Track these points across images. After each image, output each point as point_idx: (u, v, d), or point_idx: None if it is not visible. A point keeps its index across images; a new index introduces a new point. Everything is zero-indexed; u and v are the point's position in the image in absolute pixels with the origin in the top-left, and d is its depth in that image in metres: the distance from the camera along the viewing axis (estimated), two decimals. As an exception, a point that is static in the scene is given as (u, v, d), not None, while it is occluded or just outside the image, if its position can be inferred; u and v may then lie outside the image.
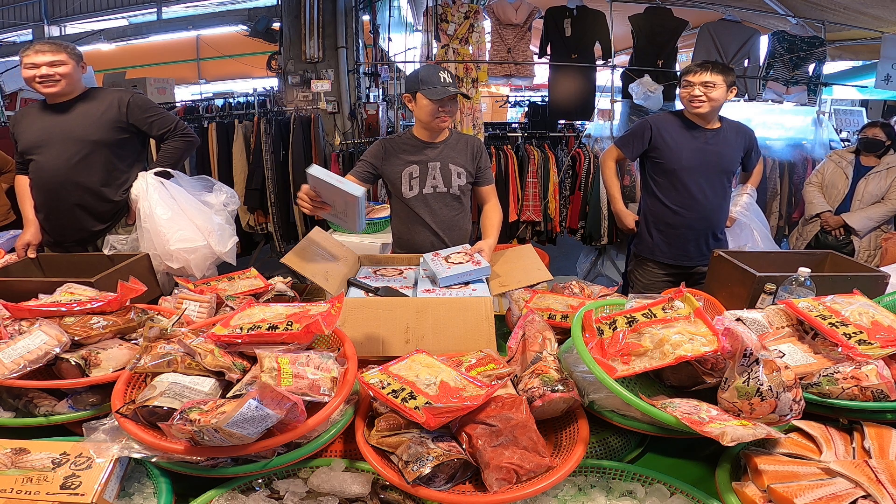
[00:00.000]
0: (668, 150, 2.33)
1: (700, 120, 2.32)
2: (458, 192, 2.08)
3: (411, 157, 2.03)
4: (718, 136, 2.33)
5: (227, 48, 6.94)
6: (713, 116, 2.32)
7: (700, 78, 2.19)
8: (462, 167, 2.06)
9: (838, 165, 3.31)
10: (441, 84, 1.89)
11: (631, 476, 1.01)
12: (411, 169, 2.03)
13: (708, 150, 2.31)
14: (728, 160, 2.35)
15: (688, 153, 2.31)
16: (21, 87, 5.22)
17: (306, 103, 4.43)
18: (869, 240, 3.20)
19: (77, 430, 1.14)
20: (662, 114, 2.49)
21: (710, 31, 4.52)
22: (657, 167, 2.39)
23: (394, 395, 1.01)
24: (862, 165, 3.24)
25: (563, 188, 4.31)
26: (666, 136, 2.34)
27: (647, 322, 1.12)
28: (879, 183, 3.16)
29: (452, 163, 2.05)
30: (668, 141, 2.33)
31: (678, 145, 2.32)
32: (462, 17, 4.14)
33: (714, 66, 2.21)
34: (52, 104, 2.09)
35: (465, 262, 1.79)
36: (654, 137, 2.36)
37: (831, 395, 1.07)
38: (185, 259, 1.98)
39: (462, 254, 1.84)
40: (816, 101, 4.73)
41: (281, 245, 4.46)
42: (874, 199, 3.17)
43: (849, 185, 3.23)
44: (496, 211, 2.13)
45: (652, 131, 2.36)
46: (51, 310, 1.32)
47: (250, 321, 1.17)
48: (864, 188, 3.18)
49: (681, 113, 2.39)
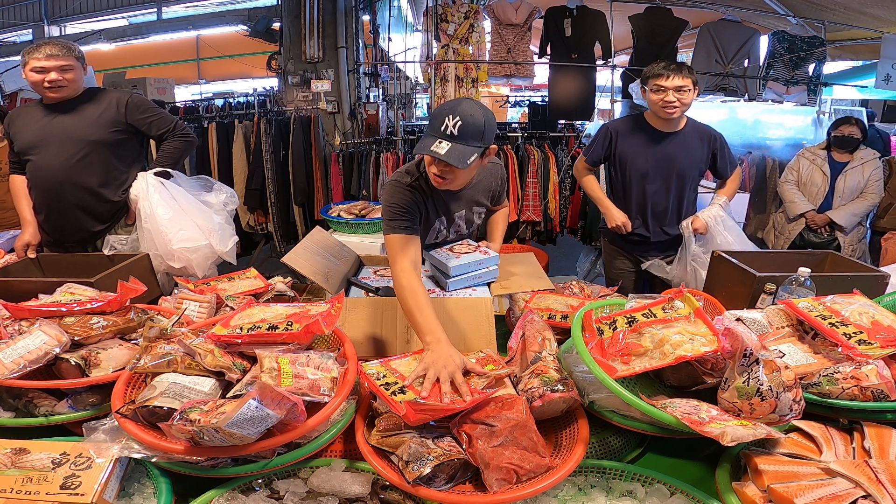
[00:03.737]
0: (624, 154, 2.32)
1: (663, 124, 2.26)
2: (476, 228, 1.86)
3: (438, 210, 1.67)
4: (677, 139, 2.27)
5: (227, 48, 6.94)
6: (679, 119, 2.27)
7: (673, 83, 2.11)
8: (484, 206, 1.80)
9: (813, 163, 3.32)
10: (435, 134, 1.38)
11: (631, 476, 1.01)
12: (438, 224, 1.71)
13: (663, 153, 2.26)
14: (685, 164, 2.28)
15: (641, 158, 2.28)
16: (21, 87, 5.21)
17: (306, 103, 4.43)
18: (853, 235, 3.24)
19: (77, 430, 1.14)
20: (622, 118, 2.46)
21: (710, 31, 4.52)
22: (615, 172, 2.38)
23: (385, 388, 1.02)
24: (836, 161, 3.27)
25: (563, 188, 4.31)
26: (624, 141, 2.31)
27: (647, 322, 1.12)
28: (857, 178, 3.20)
29: (476, 205, 1.76)
30: (625, 146, 2.31)
31: (633, 150, 2.29)
32: (462, 17, 4.14)
33: (682, 68, 2.14)
34: (50, 104, 2.08)
35: (473, 252, 1.73)
36: (613, 143, 2.34)
37: (831, 395, 1.07)
38: (186, 258, 1.98)
39: (465, 245, 1.79)
40: (816, 101, 4.73)
41: (281, 245, 4.46)
42: (854, 194, 3.21)
43: (828, 182, 3.25)
44: (504, 216, 1.98)
45: (611, 137, 2.34)
46: (51, 310, 1.32)
47: (250, 321, 1.17)
48: (843, 184, 3.21)
49: (640, 116, 2.34)
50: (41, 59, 1.97)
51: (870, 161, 3.21)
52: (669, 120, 2.23)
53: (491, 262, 1.74)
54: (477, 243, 1.80)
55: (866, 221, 3.35)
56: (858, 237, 3.27)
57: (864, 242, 3.32)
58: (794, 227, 3.36)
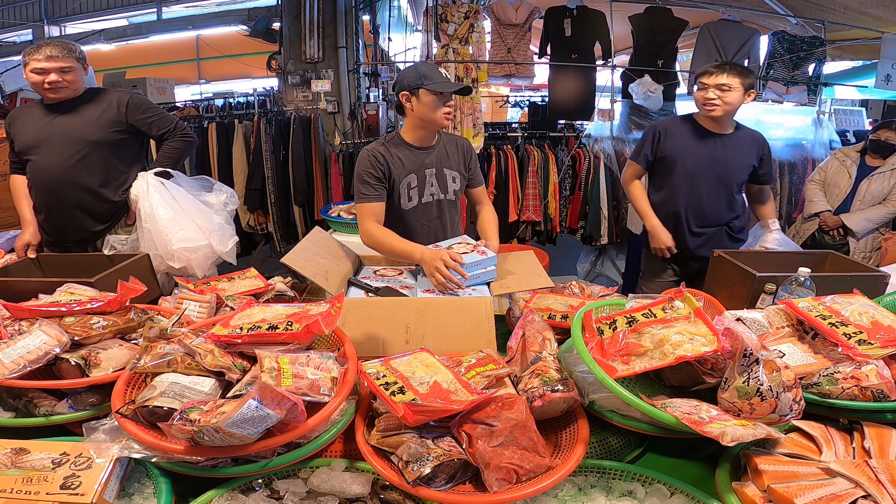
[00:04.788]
0: (673, 153, 2.26)
1: (712, 124, 2.22)
2: (454, 196, 2.03)
3: (408, 166, 1.92)
4: (727, 141, 2.23)
5: (227, 48, 6.95)
6: (727, 121, 2.22)
7: (715, 80, 2.09)
8: (456, 171, 2.00)
9: (842, 164, 3.24)
10: (444, 79, 1.82)
11: (631, 476, 1.01)
12: (409, 179, 1.92)
13: (713, 153, 2.22)
14: (736, 169, 2.25)
15: (692, 157, 2.23)
16: (21, 87, 5.21)
17: (306, 103, 4.43)
18: (866, 242, 3.14)
19: (77, 430, 1.14)
20: (671, 118, 2.40)
21: (710, 31, 4.52)
22: (662, 171, 2.33)
23: (385, 387, 1.02)
24: (867, 165, 3.18)
25: (563, 188, 4.31)
26: (673, 141, 2.26)
27: (647, 322, 1.12)
28: (883, 184, 3.09)
29: (447, 167, 1.98)
30: (675, 144, 2.26)
31: (683, 148, 2.24)
32: (462, 17, 4.13)
33: (731, 68, 2.11)
34: (50, 104, 2.09)
35: (471, 252, 1.75)
36: (660, 141, 2.28)
37: (831, 395, 1.07)
38: (186, 259, 1.98)
39: (463, 244, 1.80)
40: (816, 101, 4.73)
41: (281, 245, 4.46)
42: (876, 200, 3.10)
43: (851, 185, 3.17)
44: (493, 214, 2.08)
45: (659, 135, 2.29)
46: (51, 310, 1.32)
47: (250, 321, 1.17)
48: (866, 188, 3.12)
49: (692, 117, 2.31)
50: (41, 60, 1.97)
51: None
52: (717, 120, 2.19)
53: (488, 263, 1.74)
54: (475, 242, 1.81)
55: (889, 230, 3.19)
56: (874, 245, 3.13)
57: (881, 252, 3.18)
58: (808, 226, 3.29)
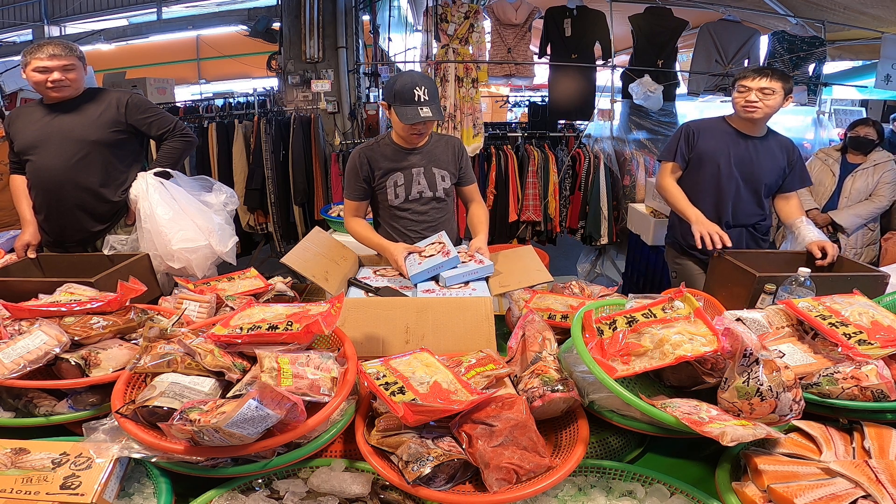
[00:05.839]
0: (705, 152, 2.23)
1: (747, 126, 2.21)
2: (444, 194, 2.06)
3: (394, 165, 1.99)
4: (759, 143, 2.21)
5: (227, 48, 6.94)
6: (762, 125, 2.22)
7: (758, 83, 2.09)
8: (445, 170, 2.04)
9: (825, 163, 3.29)
10: (414, 103, 1.81)
11: (631, 476, 1.01)
12: (395, 177, 1.99)
13: (746, 155, 2.20)
14: (767, 172, 2.22)
15: (724, 157, 2.20)
16: (21, 87, 5.20)
17: (306, 103, 4.43)
18: (856, 238, 3.16)
19: (77, 430, 1.14)
20: (703, 119, 2.37)
21: (710, 31, 4.52)
22: (691, 171, 2.29)
23: (385, 387, 1.02)
24: (848, 162, 3.22)
25: (563, 188, 4.31)
26: (706, 141, 2.24)
27: (647, 322, 1.12)
28: (867, 180, 3.13)
29: (436, 166, 2.02)
30: (707, 144, 2.23)
31: (715, 148, 2.22)
32: (462, 17, 4.13)
33: (774, 73, 2.10)
34: (50, 104, 2.08)
35: (468, 262, 1.79)
36: (694, 140, 2.26)
37: (831, 395, 1.07)
38: (186, 259, 1.98)
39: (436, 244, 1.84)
40: (816, 101, 4.73)
41: (281, 245, 4.46)
42: (862, 197, 3.14)
43: (836, 183, 3.21)
44: (482, 208, 2.14)
45: (693, 133, 2.27)
46: (51, 310, 1.32)
47: (250, 321, 1.17)
48: (851, 185, 3.15)
49: (722, 118, 2.29)
50: (44, 58, 1.97)
51: (883, 163, 3.12)
52: (752, 123, 2.17)
53: (484, 272, 1.76)
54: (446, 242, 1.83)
55: (878, 227, 3.23)
56: (865, 241, 3.17)
57: (873, 248, 3.21)
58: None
